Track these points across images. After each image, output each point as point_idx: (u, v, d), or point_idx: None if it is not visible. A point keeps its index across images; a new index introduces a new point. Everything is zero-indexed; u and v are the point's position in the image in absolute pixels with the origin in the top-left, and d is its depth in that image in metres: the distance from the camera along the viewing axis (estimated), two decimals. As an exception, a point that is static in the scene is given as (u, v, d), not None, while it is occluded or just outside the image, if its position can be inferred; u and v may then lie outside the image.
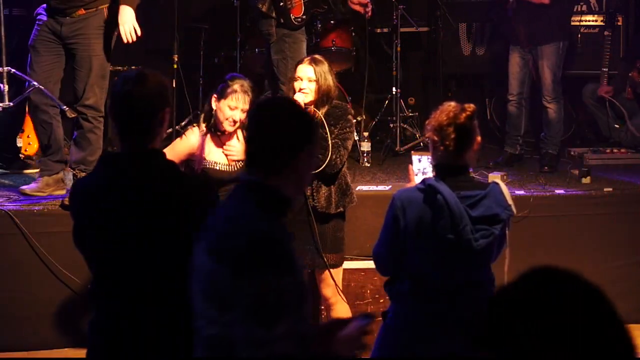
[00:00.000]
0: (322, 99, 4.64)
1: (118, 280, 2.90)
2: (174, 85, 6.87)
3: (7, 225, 5.28)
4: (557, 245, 5.90)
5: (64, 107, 5.34)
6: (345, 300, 4.89)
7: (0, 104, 5.35)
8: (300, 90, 4.63)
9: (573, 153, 7.31)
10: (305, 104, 4.64)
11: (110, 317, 2.92)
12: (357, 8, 6.69)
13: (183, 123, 7.15)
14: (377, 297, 5.33)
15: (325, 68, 4.66)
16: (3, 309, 5.33)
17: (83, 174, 5.19)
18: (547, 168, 6.75)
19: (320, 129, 4.58)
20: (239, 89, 4.53)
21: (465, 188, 3.39)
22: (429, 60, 8.42)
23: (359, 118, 7.25)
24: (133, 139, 2.93)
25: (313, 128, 2.62)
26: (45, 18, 5.44)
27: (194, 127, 4.59)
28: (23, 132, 6.98)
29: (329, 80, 4.64)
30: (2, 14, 5.38)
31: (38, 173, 5.83)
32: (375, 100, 7.83)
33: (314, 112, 4.65)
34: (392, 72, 7.41)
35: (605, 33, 7.63)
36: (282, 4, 6.16)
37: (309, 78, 4.63)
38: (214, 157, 4.57)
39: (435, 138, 3.40)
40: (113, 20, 5.51)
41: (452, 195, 3.32)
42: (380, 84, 7.92)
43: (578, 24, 7.70)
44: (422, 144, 7.35)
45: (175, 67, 7.13)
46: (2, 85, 5.35)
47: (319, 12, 6.58)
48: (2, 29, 5.38)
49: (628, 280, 5.93)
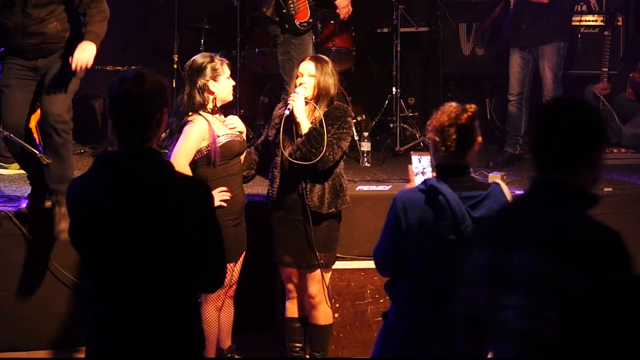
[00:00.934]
0: (321, 96, 4.67)
1: (114, 281, 2.89)
2: (174, 85, 6.88)
3: (7, 226, 5.29)
4: (557, 245, 5.90)
5: (39, 154, 5.02)
6: (330, 304, 4.88)
7: None
8: (300, 85, 4.68)
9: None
10: (305, 99, 4.67)
11: (108, 318, 2.91)
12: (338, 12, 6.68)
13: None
14: (377, 297, 5.33)
15: (328, 67, 4.71)
16: (3, 309, 5.33)
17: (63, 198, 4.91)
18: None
19: (318, 125, 4.60)
20: (218, 59, 4.67)
21: (467, 189, 3.39)
22: (429, 60, 8.42)
23: (359, 118, 7.25)
24: (130, 139, 2.92)
25: (604, 121, 2.66)
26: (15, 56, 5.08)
27: (192, 115, 4.59)
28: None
29: (329, 79, 4.69)
30: None
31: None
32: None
33: (314, 108, 4.67)
34: (392, 72, 7.41)
35: (605, 33, 7.62)
36: (284, 11, 6.18)
37: (309, 73, 4.69)
38: (223, 132, 4.63)
39: (437, 139, 3.39)
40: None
41: (453, 196, 3.32)
42: (380, 84, 7.92)
43: (578, 24, 7.70)
44: (422, 144, 7.35)
45: (175, 67, 7.14)
46: None
47: (328, 13, 6.59)
48: None
49: (628, 280, 5.92)
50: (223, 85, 4.65)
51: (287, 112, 4.64)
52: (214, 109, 4.66)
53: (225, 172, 4.63)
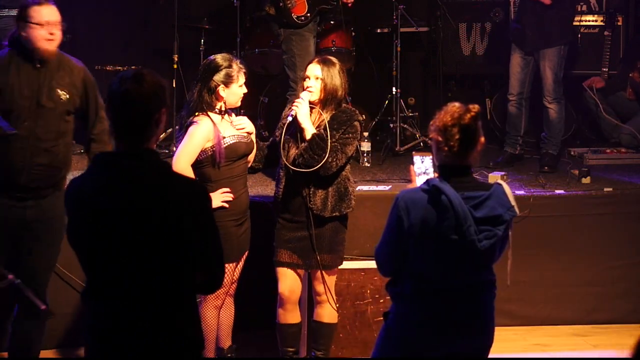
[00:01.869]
0: (328, 99, 4.65)
1: (113, 281, 2.89)
2: (174, 85, 6.88)
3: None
4: (557, 245, 5.90)
5: (43, 306, 4.34)
6: (335, 307, 4.87)
7: None
8: (307, 89, 4.65)
9: (573, 153, 7.31)
10: (311, 102, 4.65)
11: (107, 318, 2.91)
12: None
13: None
14: (377, 297, 5.33)
15: (335, 69, 4.67)
16: (3, 309, 5.31)
17: None
18: (547, 168, 6.74)
19: (323, 131, 4.59)
20: (238, 66, 4.65)
21: (469, 189, 3.38)
22: (429, 60, 8.42)
23: (360, 118, 7.24)
24: (128, 139, 2.92)
25: None
26: None
27: (199, 116, 4.59)
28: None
29: (336, 81, 4.65)
30: None
31: None
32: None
33: (320, 114, 4.66)
34: (392, 72, 7.41)
35: (605, 33, 7.63)
36: (281, 4, 6.21)
37: (316, 76, 4.66)
38: (230, 133, 4.63)
39: (440, 138, 3.39)
40: None
41: (456, 196, 3.31)
42: (380, 84, 7.92)
43: (578, 24, 7.70)
44: (422, 144, 7.35)
45: (175, 67, 7.14)
46: None
47: (327, 8, 6.59)
48: None
49: (628, 280, 5.93)
50: (233, 92, 4.63)
51: (289, 118, 4.63)
52: (222, 112, 4.65)
53: (230, 173, 4.62)
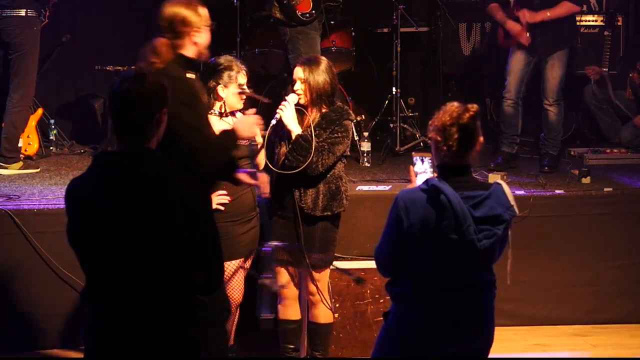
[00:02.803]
0: (315, 99, 4.63)
1: (113, 281, 2.89)
2: (174, 85, 6.87)
3: (7, 225, 5.29)
4: (557, 245, 5.90)
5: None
6: (329, 306, 4.86)
7: None
8: (294, 92, 4.65)
9: (573, 153, 7.31)
10: (301, 104, 4.65)
11: (107, 318, 2.91)
12: None
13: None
14: (377, 297, 5.33)
15: (319, 68, 4.63)
16: (3, 309, 5.33)
17: None
18: (547, 168, 6.74)
19: (308, 129, 4.59)
20: (238, 66, 4.65)
21: (468, 188, 3.38)
22: (429, 60, 8.42)
23: (359, 118, 7.25)
24: (129, 138, 2.92)
25: None
26: None
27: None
28: (23, 132, 6.99)
29: (319, 78, 4.61)
30: None
31: None
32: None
33: (306, 116, 4.66)
34: (392, 72, 7.41)
35: (605, 33, 7.63)
36: (285, 2, 6.21)
37: (300, 78, 4.64)
38: None
39: (438, 138, 3.39)
40: None
41: (455, 196, 3.31)
42: (380, 84, 7.92)
43: (578, 24, 7.70)
44: (422, 144, 7.36)
45: (175, 67, 7.13)
46: None
47: (332, 6, 6.59)
48: None
49: (628, 280, 5.93)
50: (232, 94, 4.64)
51: (273, 121, 4.61)
52: (222, 114, 4.64)
53: None
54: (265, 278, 4.47)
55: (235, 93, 4.64)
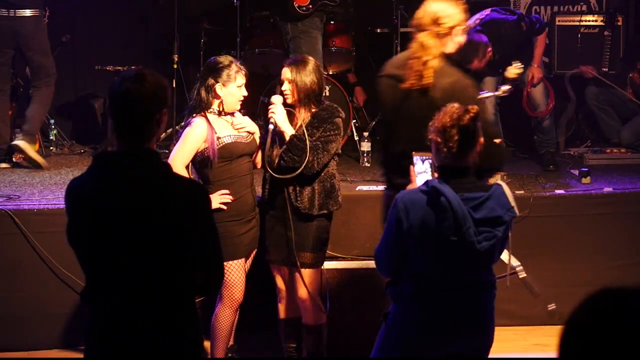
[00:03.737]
0: (303, 99, 4.64)
1: (113, 281, 2.89)
2: (174, 85, 6.88)
3: (7, 225, 5.29)
4: (557, 245, 5.90)
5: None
6: (322, 306, 4.84)
7: None
8: (282, 92, 4.67)
9: (573, 153, 7.30)
10: (290, 104, 4.66)
11: (107, 318, 2.91)
12: None
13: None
14: (377, 297, 5.31)
15: (306, 68, 4.64)
16: (3, 309, 5.33)
17: None
18: (552, 167, 6.73)
19: (300, 129, 4.59)
20: (237, 67, 4.65)
21: (469, 190, 3.38)
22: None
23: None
24: (129, 138, 2.92)
25: None
26: None
27: (196, 117, 4.60)
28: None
29: (307, 79, 4.62)
30: None
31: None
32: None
33: (295, 116, 4.67)
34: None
35: (605, 33, 7.62)
36: None
37: (287, 79, 4.66)
38: (227, 133, 4.63)
39: (439, 139, 3.39)
40: None
41: (455, 197, 3.31)
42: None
43: (578, 24, 7.70)
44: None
45: (175, 67, 7.14)
46: None
47: (330, 5, 6.58)
48: None
49: (628, 280, 5.92)
50: (230, 93, 4.62)
51: (271, 126, 4.61)
52: (221, 112, 4.65)
53: (229, 173, 4.62)
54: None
55: (234, 93, 4.64)
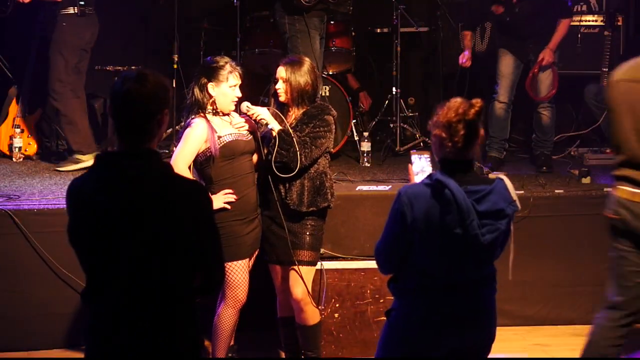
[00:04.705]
0: (296, 98, 4.70)
1: (113, 281, 2.89)
2: (174, 85, 6.88)
3: (7, 225, 5.29)
4: (557, 245, 5.90)
5: None
6: (315, 305, 4.85)
7: None
8: (276, 90, 4.72)
9: (573, 153, 7.30)
10: (282, 102, 4.72)
11: (107, 318, 2.91)
12: None
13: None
14: (377, 297, 5.33)
15: (301, 69, 4.70)
16: (3, 309, 5.33)
17: None
18: (545, 168, 6.74)
19: (287, 125, 4.63)
20: (232, 67, 4.65)
21: (472, 183, 3.38)
22: (429, 60, 8.42)
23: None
24: (130, 138, 2.93)
25: None
26: None
27: (195, 118, 4.60)
28: (23, 132, 6.99)
29: (301, 80, 4.68)
30: None
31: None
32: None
33: (288, 114, 4.72)
34: (392, 72, 7.41)
35: (605, 33, 7.62)
36: None
37: (282, 77, 4.72)
38: (228, 132, 4.64)
39: (444, 135, 3.37)
40: None
41: (459, 190, 3.30)
42: (380, 84, 7.93)
43: (578, 24, 7.69)
44: (422, 144, 7.36)
45: (175, 67, 7.14)
46: None
47: (331, 2, 6.58)
48: None
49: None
50: (223, 93, 4.62)
51: (268, 126, 4.66)
52: (215, 112, 4.65)
53: (231, 172, 4.62)
54: None
55: (226, 93, 4.64)
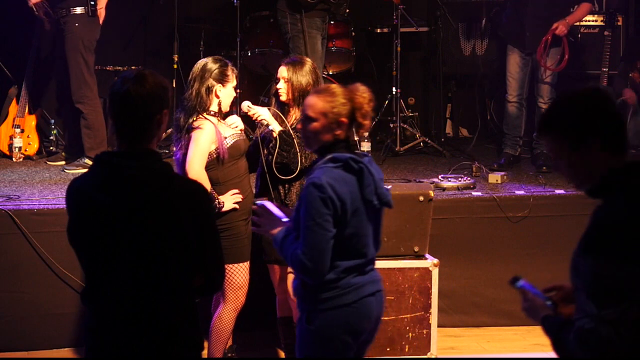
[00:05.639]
0: (297, 99, 4.70)
1: (112, 281, 2.89)
2: (174, 85, 6.88)
3: (7, 225, 5.29)
4: (557, 245, 5.90)
5: None
6: None
7: None
8: (278, 90, 4.74)
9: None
10: (282, 102, 4.73)
11: (106, 318, 2.91)
12: None
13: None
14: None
15: (303, 69, 4.71)
16: (3, 309, 5.33)
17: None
18: (545, 168, 6.74)
19: (287, 125, 4.65)
20: (231, 66, 4.69)
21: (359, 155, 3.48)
22: (429, 60, 8.42)
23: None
24: (130, 139, 2.93)
25: None
26: None
27: (198, 120, 4.60)
28: (23, 132, 6.98)
29: (303, 80, 4.69)
30: None
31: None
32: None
33: (289, 114, 4.73)
34: (392, 72, 7.41)
35: (605, 33, 7.62)
36: None
37: (283, 78, 4.73)
38: (229, 133, 4.65)
39: (345, 120, 3.43)
40: None
41: (369, 160, 3.42)
42: (380, 84, 7.93)
43: (578, 24, 7.70)
44: (422, 144, 7.36)
45: (175, 67, 7.14)
46: None
47: (332, 2, 6.58)
48: None
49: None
50: (228, 94, 4.66)
51: (271, 127, 4.67)
52: (217, 113, 4.65)
53: (236, 172, 4.64)
54: None
55: (231, 94, 4.66)
